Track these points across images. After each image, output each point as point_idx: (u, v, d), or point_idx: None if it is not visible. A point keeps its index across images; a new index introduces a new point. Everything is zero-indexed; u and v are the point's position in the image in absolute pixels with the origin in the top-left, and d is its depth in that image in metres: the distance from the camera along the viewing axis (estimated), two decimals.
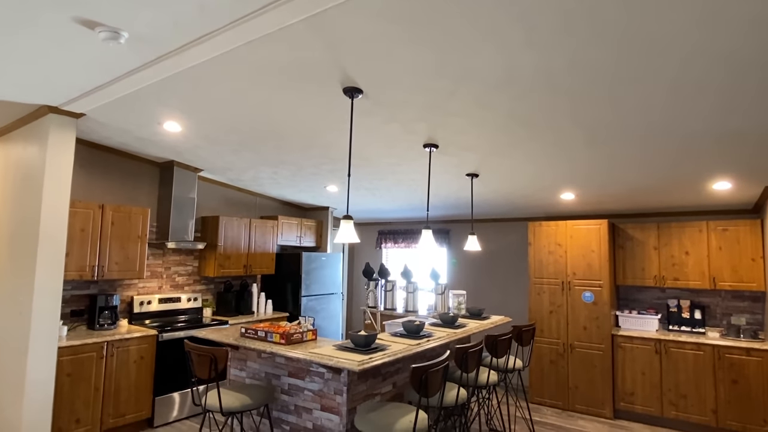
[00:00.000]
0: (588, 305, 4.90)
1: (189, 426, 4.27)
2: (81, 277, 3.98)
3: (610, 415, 4.70)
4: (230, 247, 5.32)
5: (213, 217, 5.28)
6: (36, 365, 3.31)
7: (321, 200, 6.29)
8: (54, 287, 3.41)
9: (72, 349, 3.67)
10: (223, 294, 5.38)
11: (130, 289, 4.69)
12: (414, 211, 6.45)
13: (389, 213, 6.75)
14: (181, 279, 5.16)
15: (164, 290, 4.99)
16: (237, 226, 5.42)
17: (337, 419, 2.78)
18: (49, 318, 3.38)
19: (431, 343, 3.12)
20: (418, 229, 7.05)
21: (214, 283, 5.53)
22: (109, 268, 4.18)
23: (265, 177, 5.14)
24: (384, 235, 7.40)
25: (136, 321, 4.62)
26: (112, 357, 3.93)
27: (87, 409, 3.75)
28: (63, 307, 4.15)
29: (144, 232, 4.48)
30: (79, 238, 3.98)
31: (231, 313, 5.33)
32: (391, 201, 5.83)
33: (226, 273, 5.26)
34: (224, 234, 5.26)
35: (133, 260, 4.37)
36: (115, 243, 4.24)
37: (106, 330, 4.17)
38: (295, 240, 6.22)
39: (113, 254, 4.22)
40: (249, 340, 3.05)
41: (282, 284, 5.94)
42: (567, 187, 4.49)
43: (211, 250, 5.22)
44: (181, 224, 4.89)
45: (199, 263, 5.33)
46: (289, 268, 5.90)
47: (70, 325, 4.18)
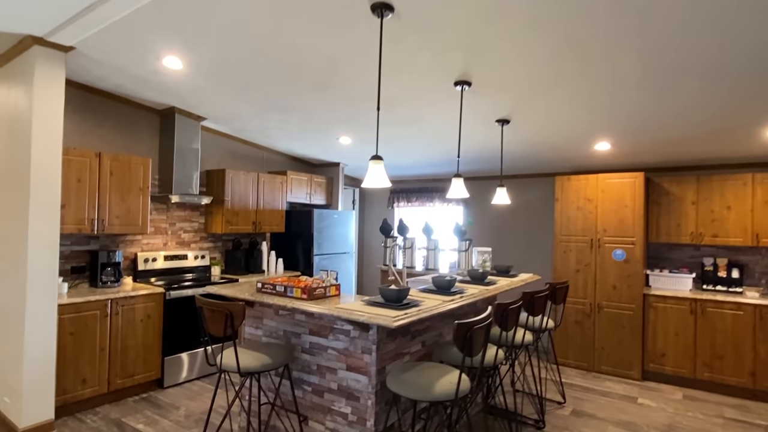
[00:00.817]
0: (618, 264, 4.63)
1: (201, 386, 4.08)
2: (80, 231, 3.68)
3: (639, 376, 4.51)
4: (238, 203, 5.01)
5: (219, 171, 4.94)
6: (35, 323, 3.06)
7: (332, 155, 5.92)
8: (50, 240, 3.11)
9: (74, 306, 3.42)
10: (231, 252, 5.11)
11: (134, 245, 4.41)
12: (432, 167, 6.10)
13: (404, 170, 6.40)
14: (187, 236, 4.88)
15: (169, 247, 4.72)
16: (244, 181, 5.08)
17: (365, 380, 2.54)
18: (47, 273, 3.10)
19: (465, 299, 2.84)
20: (435, 187, 6.71)
21: (222, 241, 5.25)
22: (109, 222, 3.88)
23: (273, 127, 4.76)
24: (396, 194, 7.07)
25: (140, 279, 4.37)
26: (117, 315, 3.69)
27: (92, 369, 3.54)
28: (62, 263, 3.88)
29: (146, 184, 4.15)
30: (76, 189, 3.66)
31: (240, 271, 5.08)
32: (408, 155, 5.47)
33: (234, 230, 4.97)
34: (231, 188, 4.94)
35: (135, 214, 4.06)
36: (115, 195, 3.93)
37: (109, 287, 3.92)
38: (305, 197, 5.90)
39: (114, 207, 3.91)
40: (267, 296, 2.78)
41: (292, 243, 5.66)
42: (604, 134, 4.11)
43: (218, 205, 4.91)
44: (185, 177, 4.56)
45: (205, 220, 5.04)
46: (299, 226, 5.61)
47: (71, 282, 3.93)
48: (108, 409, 3.58)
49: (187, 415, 3.50)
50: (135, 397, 3.83)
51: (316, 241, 5.46)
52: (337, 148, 5.52)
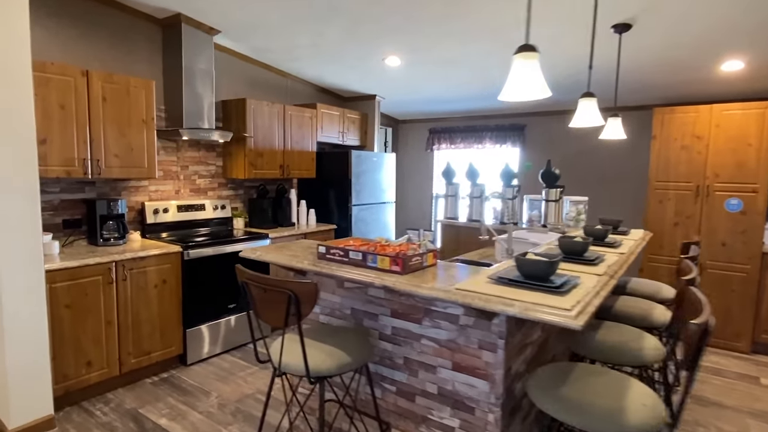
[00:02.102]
0: (732, 216, 3.78)
1: (232, 363, 3.39)
2: (69, 175, 2.83)
3: (747, 348, 3.80)
4: (262, 142, 4.11)
5: (238, 101, 3.99)
6: (14, 296, 2.28)
7: (368, 84, 4.92)
8: (25, 184, 2.27)
9: (68, 273, 2.63)
10: (256, 201, 4.27)
11: (140, 193, 3.57)
12: (485, 100, 5.11)
13: (447, 104, 5.41)
14: (202, 182, 4.03)
15: (183, 196, 3.88)
16: (269, 115, 4.15)
17: (485, 386, 1.78)
18: (25, 228, 2.28)
19: (613, 268, 2.03)
20: (485, 126, 5.74)
21: (244, 188, 4.40)
22: (107, 162, 3.01)
23: (303, 45, 3.76)
24: (437, 134, 6.12)
25: (150, 234, 3.57)
26: (125, 282, 2.92)
27: (98, 349, 2.82)
28: (51, 215, 3.06)
29: (150, 114, 3.24)
30: (59, 119, 2.77)
31: (267, 224, 4.27)
32: (465, 83, 4.47)
33: (259, 175, 4.10)
34: (254, 124, 4.01)
35: (138, 153, 3.19)
36: (112, 128, 3.03)
37: (112, 245, 3.12)
38: (337, 136, 4.97)
39: (111, 143, 3.03)
40: (336, 266, 1.96)
41: (324, 191, 4.81)
42: (740, 48, 3.13)
43: (239, 145, 4.01)
44: (197, 107, 3.63)
45: (223, 162, 4.16)
46: (333, 171, 4.73)
47: (64, 239, 3.13)
48: (122, 396, 2.89)
49: (221, 404, 2.81)
50: (154, 378, 3.14)
51: (354, 189, 4.61)
52: (378, 74, 4.52)
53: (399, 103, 5.61)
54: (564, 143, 5.20)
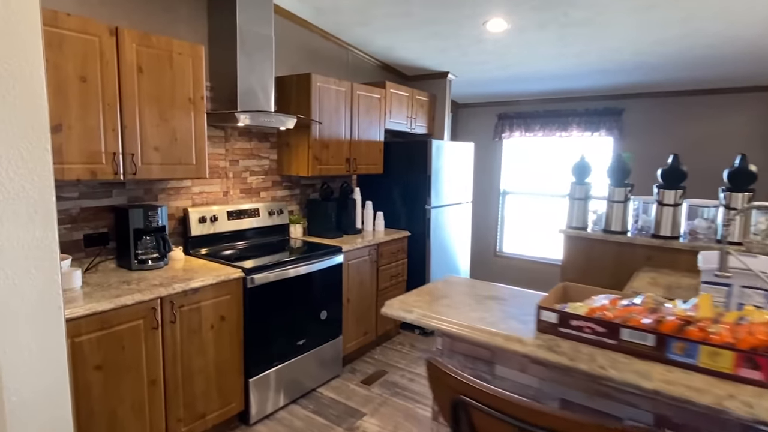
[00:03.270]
0: None
1: (306, 420, 2.59)
2: (95, 176, 2.01)
3: None
4: (327, 130, 3.26)
5: (300, 78, 3.14)
6: (19, 363, 1.47)
7: (445, 59, 4.05)
8: (36, 192, 1.44)
9: (98, 320, 1.82)
10: (318, 204, 3.44)
11: (181, 196, 2.75)
12: (579, 79, 4.23)
13: (526, 83, 4.53)
14: (254, 180, 3.20)
15: (232, 198, 3.05)
16: (336, 96, 3.30)
17: None
18: (37, 259, 1.45)
19: None
20: (572, 110, 4.86)
21: (300, 187, 3.57)
22: (144, 157, 2.19)
23: (381, 1, 2.89)
24: (508, 120, 5.24)
25: (195, 249, 2.75)
26: (174, 324, 2.11)
27: (141, 420, 2.02)
28: (67, 230, 2.25)
29: (199, 92, 2.40)
30: (79, 96, 1.94)
31: (330, 231, 3.44)
32: (582, 53, 3.59)
33: (324, 171, 3.27)
34: (319, 106, 3.17)
35: (184, 144, 2.36)
36: (150, 110, 2.20)
37: (150, 268, 2.31)
38: (405, 123, 4.12)
39: (149, 132, 2.20)
40: (588, 349, 1.13)
41: (390, 189, 3.98)
42: None
43: (300, 134, 3.17)
44: (255, 83, 2.78)
45: (279, 155, 3.32)
46: (404, 165, 3.88)
47: (85, 261, 2.32)
48: None
49: None
50: None
51: (433, 188, 3.76)
52: (464, 45, 3.64)
53: (466, 83, 4.74)
54: (676, 130, 4.33)
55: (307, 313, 2.81)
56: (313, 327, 2.85)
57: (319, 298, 2.89)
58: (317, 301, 2.87)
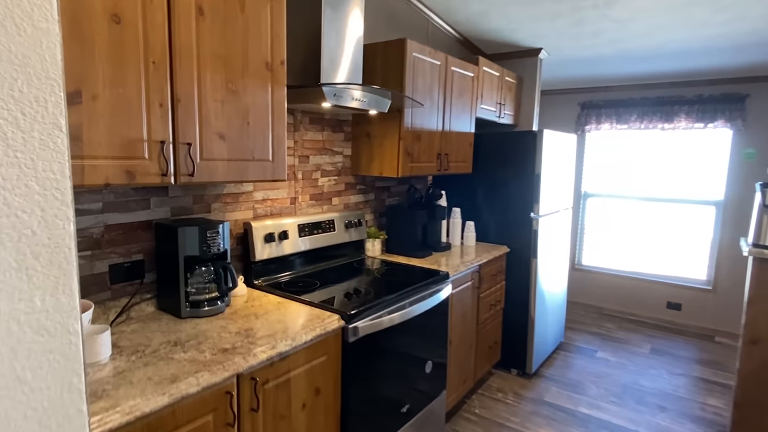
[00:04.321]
0: None
1: None
2: (131, 178, 1.24)
3: None
4: (420, 116, 2.48)
5: (389, 45, 2.35)
6: None
7: (546, 29, 3.26)
8: (39, 205, 0.68)
9: (146, 426, 1.06)
10: (400, 213, 2.66)
11: (239, 205, 1.98)
12: (687, 58, 3.43)
13: (625, 65, 3.74)
14: (326, 182, 2.42)
15: (300, 206, 2.28)
16: (430, 72, 2.51)
17: None
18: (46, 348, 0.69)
19: None
20: (679, 97, 4.06)
21: (375, 190, 2.79)
22: (205, 149, 1.42)
23: None
24: (593, 109, 4.45)
25: (261, 279, 1.98)
26: (256, 414, 1.34)
27: None
28: (87, 259, 1.49)
29: (279, 54, 1.63)
30: (110, 45, 1.17)
31: (415, 248, 2.65)
32: (727, 22, 2.80)
33: (415, 170, 2.49)
34: (413, 84, 2.38)
35: (259, 130, 1.58)
36: (214, 75, 1.42)
37: (206, 314, 1.54)
38: (495, 110, 3.33)
39: (212, 108, 1.43)
40: None
41: (474, 191, 3.20)
42: None
43: (388, 121, 2.39)
44: (340, 48, 2.00)
45: (354, 149, 2.54)
46: (496, 162, 3.10)
47: (112, 305, 1.55)
48: None
49: None
50: None
51: (542, 191, 2.98)
52: (582, 11, 2.85)
53: (553, 63, 3.94)
54: None
55: (412, 367, 2.04)
56: (417, 385, 2.08)
57: (425, 343, 2.12)
58: (422, 348, 2.10)
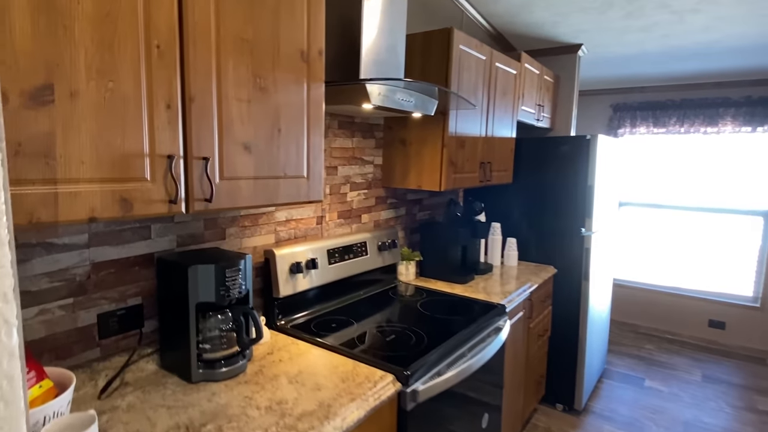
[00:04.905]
0: None
1: None
2: (127, 209, 0.88)
3: None
4: (464, 120, 2.13)
5: (433, 35, 1.99)
6: None
7: (592, 23, 2.92)
8: None
9: None
10: (437, 230, 2.30)
11: (258, 229, 1.61)
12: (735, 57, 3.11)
13: (665, 64, 3.41)
14: (355, 197, 2.06)
15: (327, 226, 1.92)
16: (475, 68, 2.16)
17: None
18: None
19: None
20: (723, 99, 3.73)
21: (406, 204, 2.43)
22: (227, 165, 1.06)
23: None
24: (628, 111, 4.12)
25: (287, 319, 1.62)
26: None
27: None
28: (66, 308, 1.11)
29: (317, 42, 1.27)
30: (96, 21, 0.81)
31: (455, 272, 2.28)
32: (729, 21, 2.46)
33: (459, 183, 2.13)
34: (458, 82, 2.03)
35: (293, 138, 1.22)
36: (237, 65, 1.06)
37: (224, 376, 1.17)
38: (534, 111, 2.99)
39: (234, 110, 1.07)
40: None
41: (510, 203, 2.85)
42: None
43: (429, 124, 2.03)
44: (382, 38, 1.64)
45: (386, 158, 2.18)
46: (539, 171, 2.76)
47: (101, 368, 1.18)
48: None
49: None
50: None
51: (595, 205, 2.63)
52: (637, 1, 2.51)
53: (589, 61, 3.61)
54: None
55: (470, 423, 1.68)
56: None
57: (481, 394, 1.77)
58: (478, 399, 1.75)
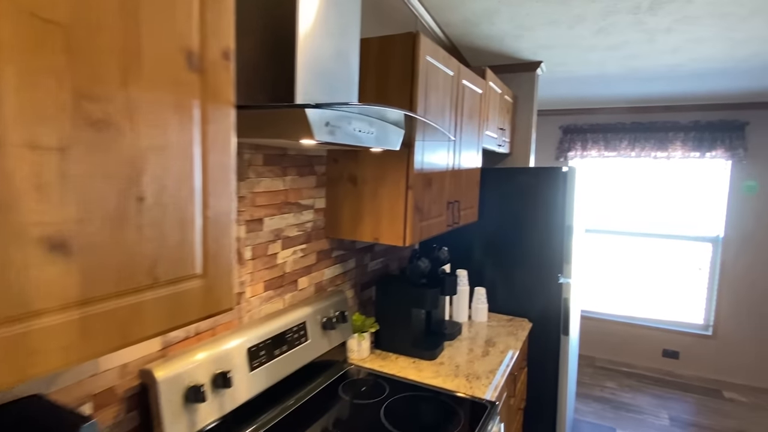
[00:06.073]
0: None
1: None
2: None
3: None
4: (429, 153, 1.65)
5: (396, 40, 1.50)
6: None
7: (554, 38, 2.60)
8: None
9: None
10: (398, 289, 1.80)
11: None
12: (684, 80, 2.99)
13: (618, 86, 3.24)
14: (289, 257, 1.50)
15: (250, 307, 1.34)
16: (443, 86, 1.70)
17: None
18: None
19: None
20: (674, 123, 3.64)
21: (355, 254, 1.90)
22: (2, 284, 0.47)
23: None
24: (579, 134, 3.93)
25: None
26: None
27: None
28: None
29: (218, 37, 0.72)
30: None
31: (418, 342, 1.80)
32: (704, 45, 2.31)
33: (426, 232, 1.65)
34: (426, 103, 1.55)
35: (170, 211, 0.66)
36: (40, 82, 0.49)
37: None
38: (497, 136, 2.60)
39: (28, 174, 0.49)
40: None
41: (475, 245, 2.44)
42: None
43: (389, 158, 1.53)
44: (327, 44, 1.12)
45: (329, 199, 1.64)
46: (508, 206, 2.38)
47: None
48: None
49: None
50: None
51: (574, 248, 2.27)
52: (612, 14, 2.21)
53: (544, 81, 3.34)
54: None
55: None
56: None
57: None
58: None
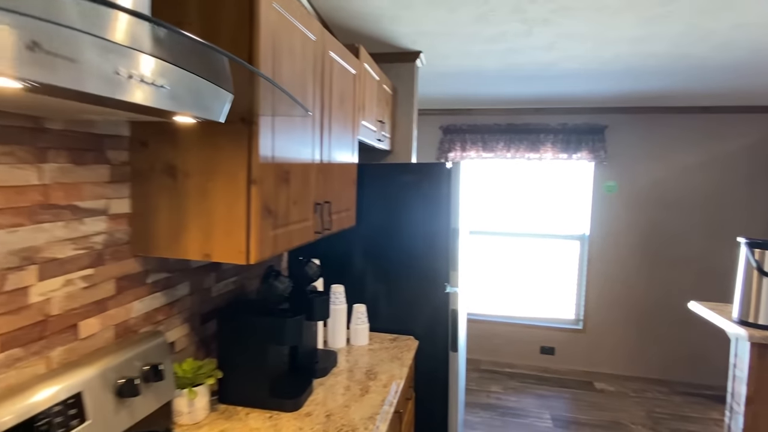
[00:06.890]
0: None
1: None
2: None
3: None
4: (285, 137, 1.23)
5: None
6: None
7: (436, 25, 2.35)
8: None
9: None
10: (245, 326, 1.34)
11: None
12: (553, 82, 3.07)
13: (487, 85, 3.21)
14: (57, 290, 0.96)
15: None
16: (301, 52, 1.29)
17: None
18: None
19: None
20: (544, 126, 3.70)
21: (189, 276, 1.40)
22: None
23: None
24: (458, 134, 3.83)
25: None
26: None
27: None
28: None
29: None
30: None
31: (278, 388, 1.37)
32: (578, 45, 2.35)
33: (285, 243, 1.22)
34: (275, 63, 1.13)
35: None
36: None
37: None
38: (376, 129, 2.28)
39: None
40: None
41: (351, 254, 2.09)
42: None
43: (223, 139, 1.08)
44: None
45: (135, 199, 1.13)
46: (387, 208, 2.06)
47: None
48: None
49: None
50: None
51: (460, 253, 2.02)
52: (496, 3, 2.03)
53: (426, 74, 3.14)
54: (672, 154, 3.56)
55: None
56: None
57: None
58: None
